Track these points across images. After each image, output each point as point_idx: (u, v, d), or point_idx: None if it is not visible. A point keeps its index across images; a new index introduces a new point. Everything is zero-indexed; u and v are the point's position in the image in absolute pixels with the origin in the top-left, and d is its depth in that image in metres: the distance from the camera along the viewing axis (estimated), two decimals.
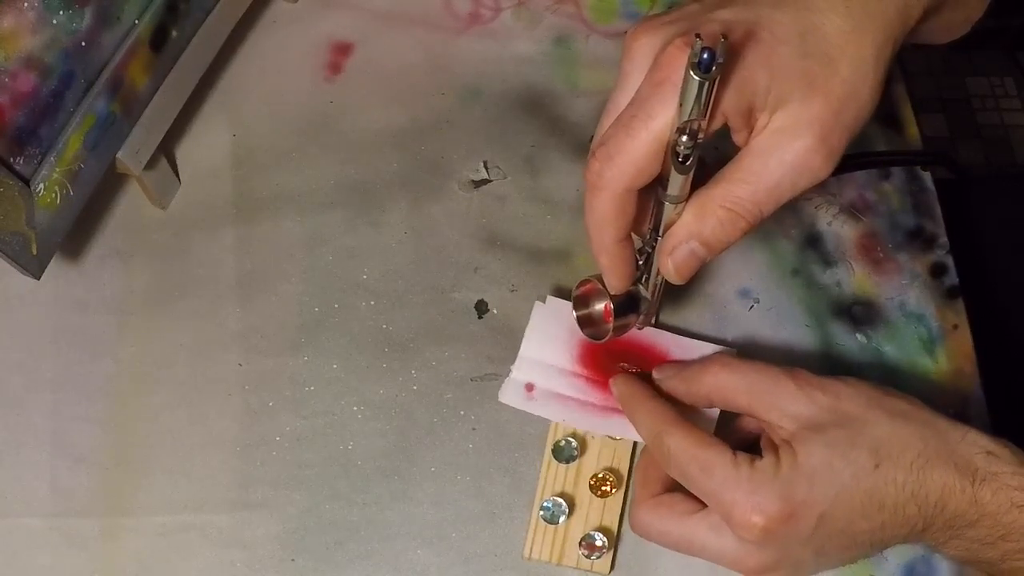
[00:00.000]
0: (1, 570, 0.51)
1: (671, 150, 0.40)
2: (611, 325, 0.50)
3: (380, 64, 0.64)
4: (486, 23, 0.65)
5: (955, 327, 0.56)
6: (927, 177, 0.60)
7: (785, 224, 0.59)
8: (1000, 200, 0.76)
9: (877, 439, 0.44)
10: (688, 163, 0.40)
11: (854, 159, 0.59)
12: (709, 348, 0.53)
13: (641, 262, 0.48)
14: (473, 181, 0.60)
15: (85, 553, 0.52)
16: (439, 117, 0.62)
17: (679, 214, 0.44)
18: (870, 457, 0.43)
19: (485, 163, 0.61)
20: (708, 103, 0.38)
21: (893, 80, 0.62)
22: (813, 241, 0.59)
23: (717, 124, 0.41)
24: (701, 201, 0.43)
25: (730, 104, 0.40)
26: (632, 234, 0.46)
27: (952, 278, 0.58)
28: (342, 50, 0.64)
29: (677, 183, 0.42)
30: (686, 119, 0.38)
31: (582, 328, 0.52)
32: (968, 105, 1.59)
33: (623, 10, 0.65)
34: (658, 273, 0.47)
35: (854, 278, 0.58)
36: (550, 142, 0.61)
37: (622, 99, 0.43)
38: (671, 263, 0.45)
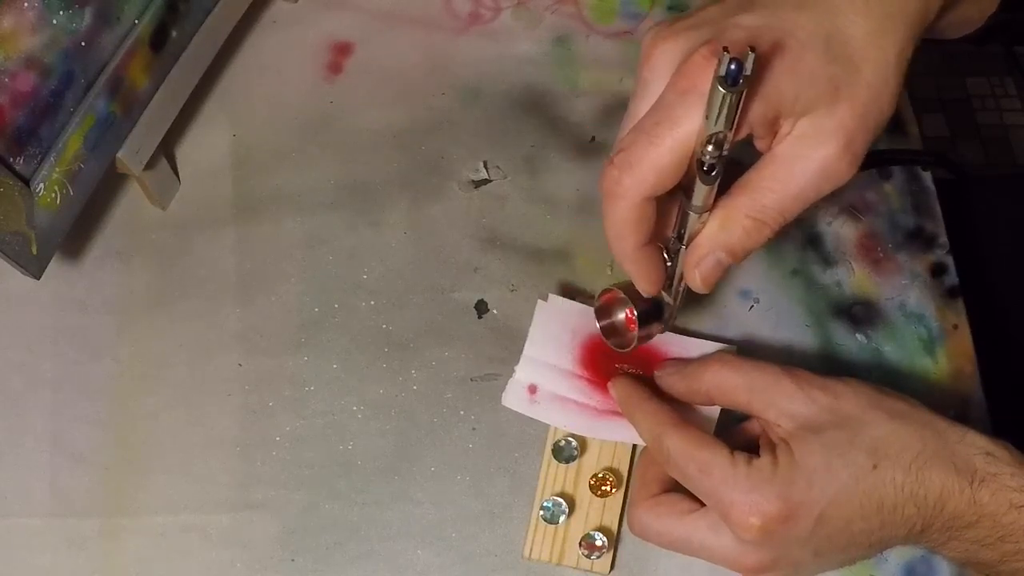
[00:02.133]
0: (1, 570, 0.51)
1: (696, 160, 0.40)
2: (636, 334, 0.50)
3: (380, 64, 0.64)
4: (486, 23, 0.65)
5: (955, 327, 0.56)
6: (927, 177, 0.60)
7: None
8: (1000, 200, 0.76)
9: (876, 440, 0.44)
10: (714, 173, 0.40)
11: None
12: (709, 346, 0.53)
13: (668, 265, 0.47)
14: (473, 181, 0.60)
15: (85, 553, 0.52)
16: (439, 117, 0.62)
17: (703, 223, 0.43)
18: (868, 458, 0.43)
19: (485, 163, 0.61)
20: (735, 115, 0.37)
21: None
22: (813, 241, 0.59)
23: (743, 134, 0.40)
24: (726, 211, 0.42)
25: (757, 114, 0.40)
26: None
27: (952, 278, 0.58)
28: (342, 50, 0.64)
29: (702, 193, 0.41)
30: (712, 131, 0.38)
31: (607, 338, 0.52)
32: (968, 105, 1.59)
33: (623, 10, 0.65)
34: (680, 279, 0.47)
35: (854, 278, 0.58)
36: (550, 142, 0.61)
37: (642, 107, 0.42)
38: (698, 275, 0.44)
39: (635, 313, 0.49)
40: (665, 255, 0.47)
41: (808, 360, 0.55)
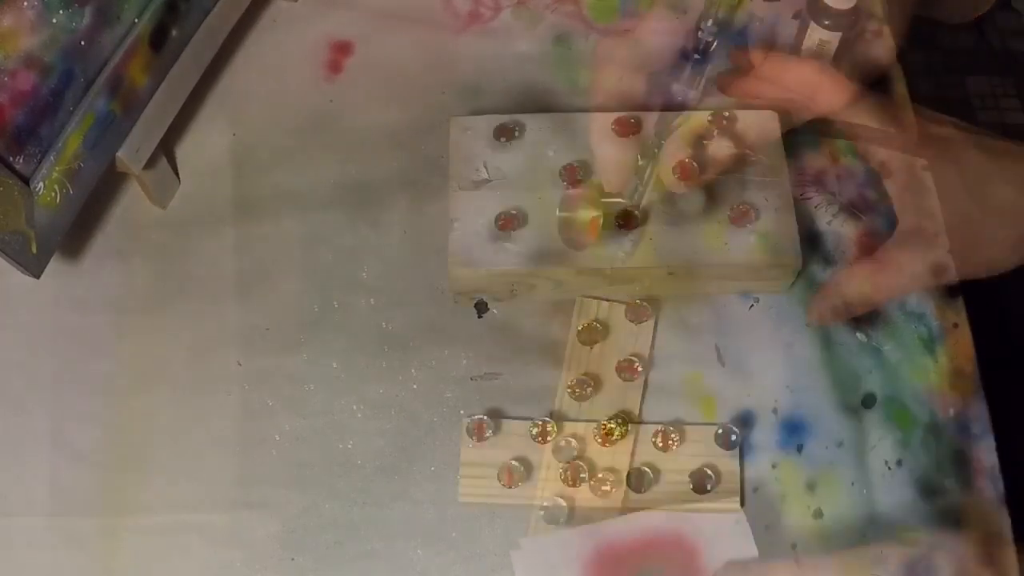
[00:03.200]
0: (1, 570, 0.51)
1: (695, 31, 0.42)
2: (593, 239, 0.49)
3: (380, 64, 0.64)
4: (486, 22, 0.65)
5: (955, 326, 0.56)
6: (927, 177, 0.60)
7: None
8: None
9: None
10: (707, 54, 0.42)
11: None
12: (722, 519, 0.49)
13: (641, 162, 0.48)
14: (473, 181, 0.60)
15: (85, 553, 0.52)
16: (439, 117, 0.62)
17: (678, 126, 0.44)
18: None
19: (485, 163, 0.61)
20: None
21: (893, 80, 0.62)
22: (813, 240, 0.58)
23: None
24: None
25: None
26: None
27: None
28: (342, 50, 0.64)
29: (690, 76, 0.42)
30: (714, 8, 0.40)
31: (560, 232, 0.51)
32: (968, 105, 1.59)
33: (623, 9, 0.65)
34: (654, 152, 0.47)
35: None
36: None
37: None
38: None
39: (600, 220, 0.49)
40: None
41: (808, 360, 0.55)
